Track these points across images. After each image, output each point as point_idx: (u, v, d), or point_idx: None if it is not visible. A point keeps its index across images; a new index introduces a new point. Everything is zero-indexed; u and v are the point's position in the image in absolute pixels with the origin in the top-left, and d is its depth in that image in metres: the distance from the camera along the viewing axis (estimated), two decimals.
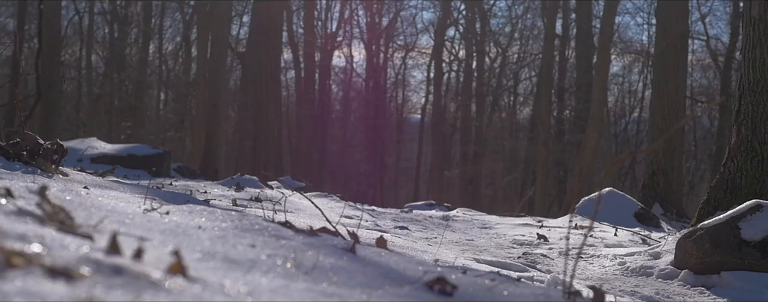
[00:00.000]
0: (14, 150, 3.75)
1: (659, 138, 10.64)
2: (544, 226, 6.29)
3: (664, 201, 10.39)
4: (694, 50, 25.16)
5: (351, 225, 4.07)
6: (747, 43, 5.73)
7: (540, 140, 21.67)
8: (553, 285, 3.33)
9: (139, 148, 12.84)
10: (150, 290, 1.10)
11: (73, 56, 27.25)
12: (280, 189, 7.74)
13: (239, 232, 1.88)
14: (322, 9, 29.11)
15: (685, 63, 11.92)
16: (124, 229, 1.69)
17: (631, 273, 4.16)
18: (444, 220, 6.55)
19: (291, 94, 29.85)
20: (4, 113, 13.80)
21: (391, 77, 31.56)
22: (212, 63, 18.77)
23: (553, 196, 21.34)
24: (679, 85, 11.12)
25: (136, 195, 3.28)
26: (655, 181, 10.60)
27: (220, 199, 5.60)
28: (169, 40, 29.50)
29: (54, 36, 18.22)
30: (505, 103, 30.63)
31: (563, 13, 25.07)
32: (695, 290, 3.80)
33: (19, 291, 0.99)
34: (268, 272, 1.46)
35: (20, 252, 1.13)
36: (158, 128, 27.62)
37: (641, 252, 4.51)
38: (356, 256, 1.80)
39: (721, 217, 4.12)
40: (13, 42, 16.43)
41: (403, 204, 12.27)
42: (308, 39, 26.46)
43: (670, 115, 10.87)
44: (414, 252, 3.55)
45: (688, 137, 23.40)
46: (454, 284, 1.54)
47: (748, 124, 5.61)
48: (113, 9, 27.38)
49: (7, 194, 1.79)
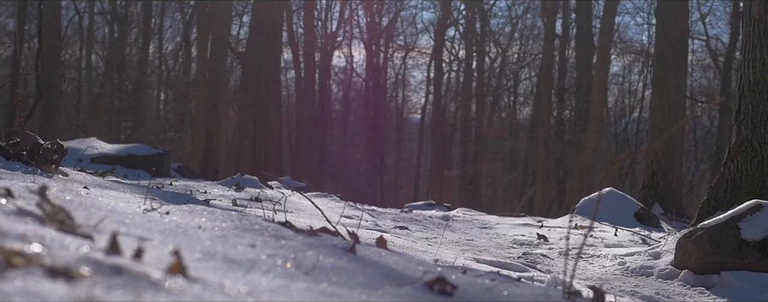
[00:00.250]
0: (14, 150, 3.75)
1: (659, 138, 10.63)
2: (544, 226, 6.29)
3: (664, 201, 10.39)
4: (694, 50, 25.18)
5: (351, 225, 4.07)
6: (747, 43, 5.73)
7: (540, 140, 21.67)
8: (553, 285, 3.33)
9: (139, 147, 12.83)
10: (150, 290, 1.10)
11: (73, 56, 27.25)
12: (280, 189, 7.74)
13: (239, 232, 1.88)
14: (322, 9, 29.12)
15: (685, 63, 11.91)
16: (124, 229, 1.69)
17: (631, 273, 4.15)
18: (444, 220, 6.54)
19: (291, 94, 29.85)
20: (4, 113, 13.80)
21: (391, 77, 31.56)
22: (212, 63, 18.77)
23: (553, 196, 21.34)
24: (679, 85, 11.11)
25: (136, 195, 3.28)
26: (655, 181, 10.60)
27: (220, 199, 5.60)
28: (169, 40, 29.51)
29: (54, 36, 18.22)
30: (505, 103, 30.63)
31: (563, 13, 25.07)
32: (695, 290, 3.80)
33: (19, 291, 0.99)
34: (268, 272, 1.46)
35: (20, 252, 1.13)
36: (158, 128, 27.62)
37: (641, 252, 4.51)
38: (356, 256, 1.80)
39: (721, 217, 4.12)
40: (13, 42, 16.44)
41: (403, 204, 12.27)
42: (308, 39, 26.45)
43: (670, 115, 10.86)
44: (414, 252, 3.55)
45: (688, 137, 23.40)
46: (454, 284, 1.54)
47: (748, 124, 5.61)
48: (113, 9, 27.38)
49: (7, 194, 1.79)
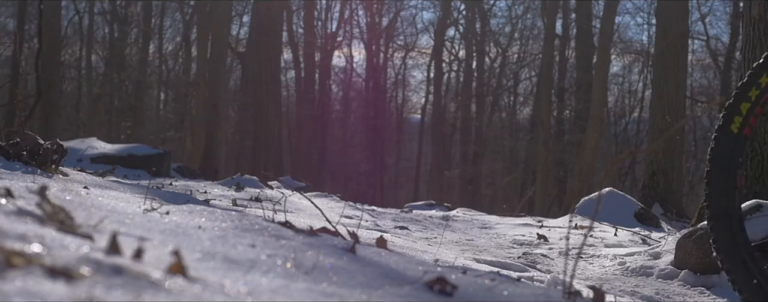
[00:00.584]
0: (14, 150, 3.75)
1: (659, 138, 10.63)
2: (544, 226, 6.28)
3: (664, 201, 10.38)
4: (694, 50, 25.20)
5: (351, 225, 4.07)
6: (747, 43, 5.72)
7: (540, 140, 21.67)
8: (553, 285, 3.33)
9: (139, 147, 12.83)
10: (150, 290, 1.10)
11: (73, 56, 27.26)
12: (280, 189, 7.74)
13: (239, 232, 1.88)
14: (322, 9, 29.14)
15: (685, 63, 11.90)
16: (124, 229, 1.69)
17: (631, 273, 4.15)
18: (444, 220, 6.54)
19: (291, 94, 29.86)
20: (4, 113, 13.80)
21: (391, 77, 31.57)
22: (212, 63, 18.77)
23: (553, 196, 21.34)
24: (679, 85, 11.11)
25: (136, 195, 3.28)
26: (655, 181, 10.60)
27: (220, 199, 5.59)
28: (169, 40, 29.53)
29: (54, 36, 18.23)
30: (505, 103, 30.64)
31: (563, 13, 25.08)
32: (695, 290, 3.80)
33: (19, 291, 0.99)
34: (268, 272, 1.46)
35: (20, 252, 1.13)
36: (158, 128, 27.63)
37: (641, 252, 4.51)
38: (356, 256, 1.80)
39: None
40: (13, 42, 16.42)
41: (403, 204, 12.26)
42: (308, 39, 26.47)
43: (670, 115, 10.86)
44: (414, 252, 3.55)
45: (688, 137, 23.39)
46: (454, 284, 1.54)
47: None
48: (113, 9, 27.39)
49: (7, 194, 1.79)
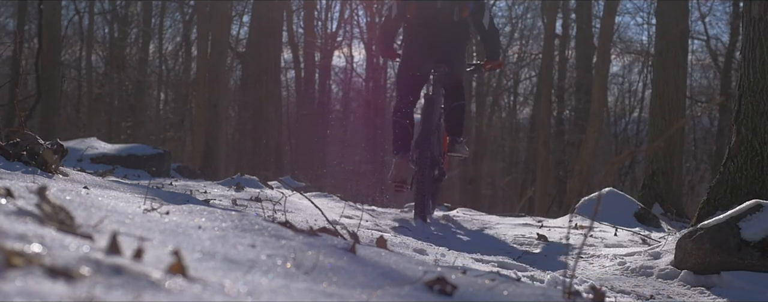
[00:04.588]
0: (14, 150, 3.75)
1: (659, 138, 10.62)
2: (544, 226, 6.28)
3: (664, 201, 10.38)
4: (694, 50, 25.20)
5: (351, 225, 4.08)
6: (747, 43, 5.72)
7: (540, 140, 21.65)
8: (552, 285, 3.33)
9: (139, 148, 12.81)
10: (150, 290, 1.10)
11: (73, 56, 27.24)
12: (280, 189, 7.73)
13: (239, 232, 1.88)
14: (322, 9, 29.10)
15: (685, 63, 11.89)
16: (124, 229, 1.69)
17: (631, 273, 4.15)
18: (444, 220, 6.55)
19: (291, 94, 29.85)
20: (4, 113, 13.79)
21: (391, 77, 31.53)
22: (212, 63, 18.76)
23: (553, 196, 21.34)
24: (679, 85, 11.10)
25: (136, 195, 3.28)
26: (655, 181, 10.59)
27: (220, 199, 5.59)
28: (169, 40, 29.51)
29: (54, 36, 18.23)
30: (505, 103, 30.63)
31: (563, 13, 25.07)
32: (695, 290, 3.80)
33: (19, 291, 0.99)
34: (268, 272, 1.46)
35: (20, 252, 1.13)
36: (158, 128, 27.61)
37: (641, 252, 4.51)
38: (356, 256, 1.80)
39: (721, 217, 4.11)
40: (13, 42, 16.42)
41: (403, 204, 12.24)
42: (308, 39, 26.46)
43: (670, 115, 10.86)
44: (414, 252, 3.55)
45: (688, 137, 23.40)
46: (454, 284, 1.54)
47: (748, 124, 5.60)
48: (113, 9, 27.37)
49: (7, 194, 1.79)
